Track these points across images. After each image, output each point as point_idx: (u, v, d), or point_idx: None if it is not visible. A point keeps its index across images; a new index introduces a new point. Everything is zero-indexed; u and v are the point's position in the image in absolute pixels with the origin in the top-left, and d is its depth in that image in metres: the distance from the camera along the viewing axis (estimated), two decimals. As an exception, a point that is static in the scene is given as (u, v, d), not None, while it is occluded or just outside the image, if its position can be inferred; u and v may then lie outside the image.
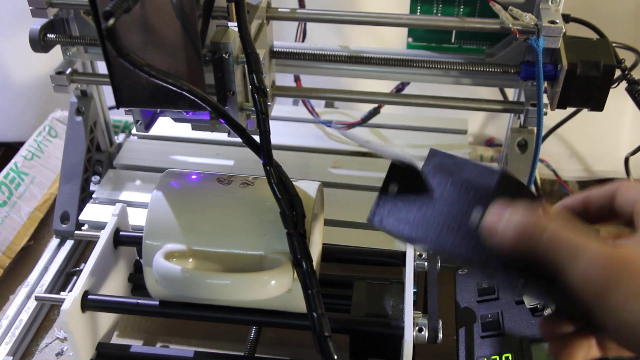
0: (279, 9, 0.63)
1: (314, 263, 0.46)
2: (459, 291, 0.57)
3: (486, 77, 0.64)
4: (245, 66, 0.51)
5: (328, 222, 0.63)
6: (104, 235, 0.56)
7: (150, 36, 0.46)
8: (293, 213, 0.46)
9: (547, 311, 0.50)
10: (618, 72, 0.60)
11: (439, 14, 0.64)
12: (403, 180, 0.40)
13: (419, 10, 0.65)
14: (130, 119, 0.83)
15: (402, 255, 0.56)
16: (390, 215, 0.40)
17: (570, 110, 0.70)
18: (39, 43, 0.63)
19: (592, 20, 0.62)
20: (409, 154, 0.41)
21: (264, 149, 0.47)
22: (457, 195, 0.37)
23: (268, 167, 0.46)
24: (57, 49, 0.66)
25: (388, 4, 0.79)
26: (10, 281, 0.68)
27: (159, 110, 0.57)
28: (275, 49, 0.65)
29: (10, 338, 0.60)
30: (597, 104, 0.58)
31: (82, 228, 0.68)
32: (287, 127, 0.80)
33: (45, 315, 0.64)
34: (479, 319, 0.53)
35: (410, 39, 0.67)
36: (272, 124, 0.48)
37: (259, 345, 0.57)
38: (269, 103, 0.64)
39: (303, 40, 0.71)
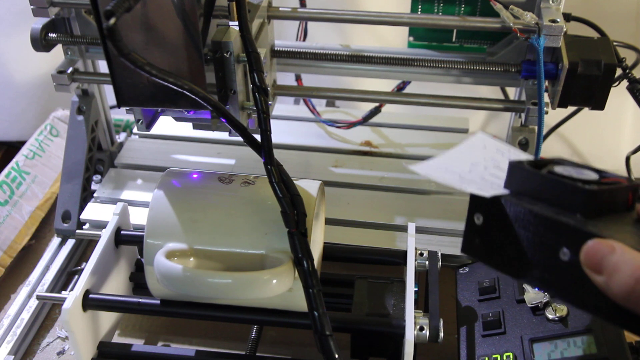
0: (280, 8, 0.63)
1: (315, 262, 0.46)
2: (460, 290, 0.57)
3: (487, 76, 0.64)
4: (247, 65, 0.51)
5: (329, 221, 0.64)
6: (105, 234, 0.56)
7: (151, 35, 0.46)
8: (294, 212, 0.46)
9: (548, 310, 0.50)
10: (619, 71, 0.60)
11: (440, 13, 0.64)
12: (486, 209, 0.37)
13: (420, 10, 0.65)
14: (131, 118, 0.83)
15: (403, 254, 0.56)
16: (482, 246, 0.38)
17: (571, 109, 0.70)
18: (41, 42, 0.63)
19: (593, 19, 0.62)
20: (493, 179, 0.38)
21: (265, 148, 0.47)
22: (544, 230, 0.34)
23: (269, 166, 0.46)
24: (59, 48, 0.66)
25: (389, 3, 0.79)
26: (11, 280, 0.68)
27: (160, 109, 0.57)
28: (276, 48, 0.65)
29: (12, 337, 0.60)
30: (598, 103, 0.58)
31: (84, 227, 0.68)
32: (288, 126, 0.80)
33: (47, 314, 0.64)
34: (480, 317, 0.53)
35: (411, 38, 0.67)
36: (273, 123, 0.49)
37: (260, 344, 0.57)
38: (270, 102, 0.64)
39: (304, 40, 0.71)
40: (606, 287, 0.31)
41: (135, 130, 0.80)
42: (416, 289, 0.53)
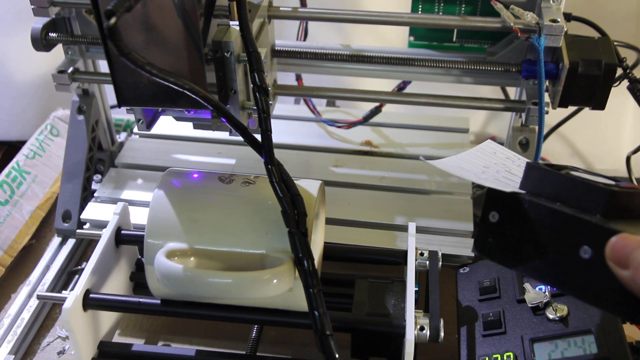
0: (281, 8, 0.63)
1: (316, 262, 0.46)
2: (461, 290, 0.57)
3: (488, 75, 0.64)
4: (247, 65, 0.51)
5: (329, 221, 0.63)
6: (106, 234, 0.56)
7: (151, 35, 0.46)
8: (294, 212, 0.46)
9: (549, 310, 0.50)
10: (620, 71, 0.60)
11: (441, 13, 0.64)
12: (502, 207, 0.38)
13: (420, 9, 0.65)
14: (131, 117, 0.83)
15: (404, 254, 0.56)
16: (495, 245, 0.38)
17: (571, 109, 0.70)
18: (41, 42, 0.63)
19: (593, 19, 0.62)
20: (506, 181, 0.38)
21: (265, 148, 0.47)
22: (563, 228, 0.35)
23: (270, 166, 0.46)
24: (59, 47, 0.66)
25: (389, 3, 0.79)
26: (12, 280, 0.68)
27: (160, 109, 0.57)
28: (276, 48, 0.65)
29: (12, 337, 0.60)
30: (599, 103, 0.58)
31: (84, 227, 0.68)
32: (289, 126, 0.80)
33: (47, 314, 0.64)
34: (480, 317, 0.53)
35: (411, 38, 0.67)
36: (274, 123, 0.49)
37: (261, 344, 0.57)
38: (270, 102, 0.64)
39: (304, 39, 0.71)
40: (631, 281, 0.31)
41: (135, 129, 0.80)
42: (416, 288, 0.53)
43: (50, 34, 0.63)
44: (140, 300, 0.53)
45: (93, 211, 0.68)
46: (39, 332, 0.63)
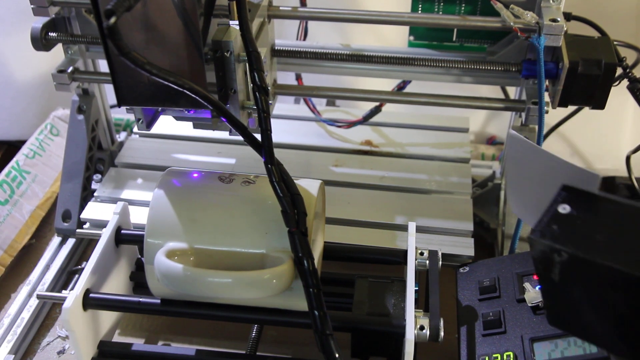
0: (281, 8, 0.63)
1: (316, 261, 0.46)
2: (461, 289, 0.57)
3: (487, 75, 0.64)
4: (247, 64, 0.51)
5: (329, 221, 0.64)
6: (106, 234, 0.56)
7: (151, 34, 0.46)
8: (294, 211, 0.46)
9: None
10: (619, 70, 0.60)
11: (440, 13, 0.64)
12: (576, 202, 0.39)
13: (420, 9, 0.65)
14: (131, 117, 0.83)
15: (404, 254, 0.56)
16: (563, 233, 0.38)
17: (571, 108, 0.70)
18: (41, 42, 0.63)
19: (593, 19, 0.62)
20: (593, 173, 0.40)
21: (265, 147, 0.47)
22: None
23: (269, 166, 0.46)
24: (59, 47, 0.66)
25: (389, 3, 0.79)
26: (12, 279, 0.68)
27: (160, 108, 0.57)
28: (276, 48, 0.65)
29: (12, 336, 0.60)
30: (599, 102, 0.58)
31: (84, 226, 0.68)
32: (289, 126, 0.80)
33: (47, 314, 0.64)
34: (480, 317, 0.53)
35: (411, 38, 0.67)
36: (274, 123, 0.49)
37: (261, 344, 0.57)
38: (270, 101, 0.64)
39: (304, 39, 0.71)
40: None
41: (135, 129, 0.80)
42: (416, 288, 0.53)
43: (50, 33, 0.63)
44: (140, 299, 0.53)
45: (93, 211, 0.68)
46: (39, 331, 0.63)
